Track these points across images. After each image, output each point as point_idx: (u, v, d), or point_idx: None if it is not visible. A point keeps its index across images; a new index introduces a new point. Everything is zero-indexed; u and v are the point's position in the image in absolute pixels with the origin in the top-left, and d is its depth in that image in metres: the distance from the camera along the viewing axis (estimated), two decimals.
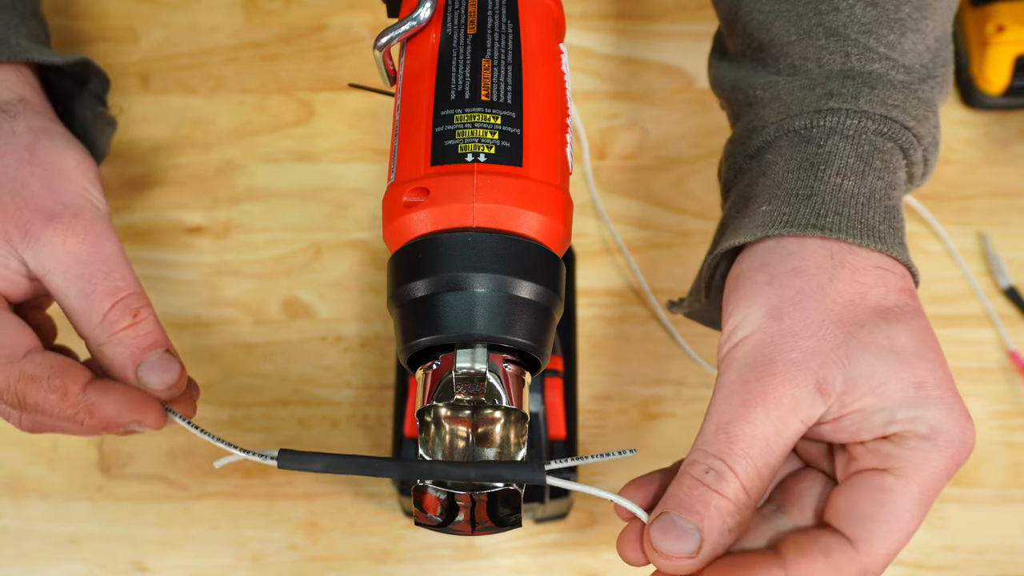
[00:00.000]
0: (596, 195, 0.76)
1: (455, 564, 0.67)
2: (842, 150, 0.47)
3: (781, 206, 0.46)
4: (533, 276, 0.42)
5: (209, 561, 0.67)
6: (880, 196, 0.46)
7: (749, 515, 0.42)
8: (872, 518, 0.41)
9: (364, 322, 0.73)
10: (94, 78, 0.59)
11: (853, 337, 0.42)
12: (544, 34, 0.47)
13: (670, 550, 0.41)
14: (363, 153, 0.78)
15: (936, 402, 0.42)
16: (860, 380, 0.42)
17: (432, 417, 0.44)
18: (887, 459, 0.42)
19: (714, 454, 0.41)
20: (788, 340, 0.42)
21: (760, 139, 0.50)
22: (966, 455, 0.42)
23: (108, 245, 0.50)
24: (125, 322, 0.49)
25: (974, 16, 0.77)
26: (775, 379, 0.42)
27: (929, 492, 0.41)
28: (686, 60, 0.80)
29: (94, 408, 0.47)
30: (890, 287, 0.44)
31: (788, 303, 0.43)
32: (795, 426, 0.42)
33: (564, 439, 0.65)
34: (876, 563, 0.41)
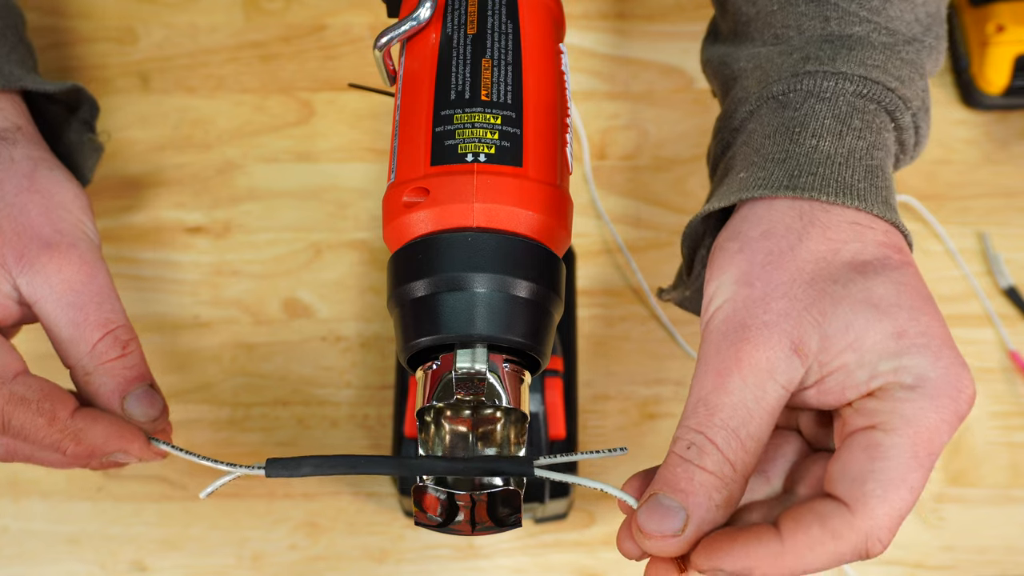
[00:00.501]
0: (596, 195, 0.76)
1: (455, 564, 0.67)
2: (819, 112, 0.46)
3: (757, 171, 0.45)
4: (533, 276, 0.42)
5: (209, 561, 0.67)
6: (860, 155, 0.45)
7: (739, 490, 0.41)
8: (864, 479, 0.39)
9: (364, 322, 0.73)
10: (84, 105, 0.59)
11: (826, 293, 0.41)
12: (544, 34, 0.47)
13: (655, 530, 0.40)
14: (363, 153, 0.78)
15: (920, 350, 0.40)
16: (835, 336, 0.40)
17: (432, 417, 0.44)
18: (873, 415, 0.40)
19: (695, 428, 0.40)
20: (760, 304, 0.41)
21: (744, 110, 0.49)
22: (965, 406, 0.40)
23: (101, 277, 0.51)
24: (114, 353, 0.49)
25: (974, 16, 0.77)
26: (748, 344, 0.40)
27: (924, 445, 0.39)
28: (686, 60, 0.80)
29: (81, 434, 0.47)
30: (866, 242, 0.42)
31: (758, 267, 0.42)
32: (775, 391, 0.40)
33: (564, 439, 0.65)
34: (878, 526, 0.38)
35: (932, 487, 0.68)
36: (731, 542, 0.39)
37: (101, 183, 0.76)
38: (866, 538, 0.38)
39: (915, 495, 0.39)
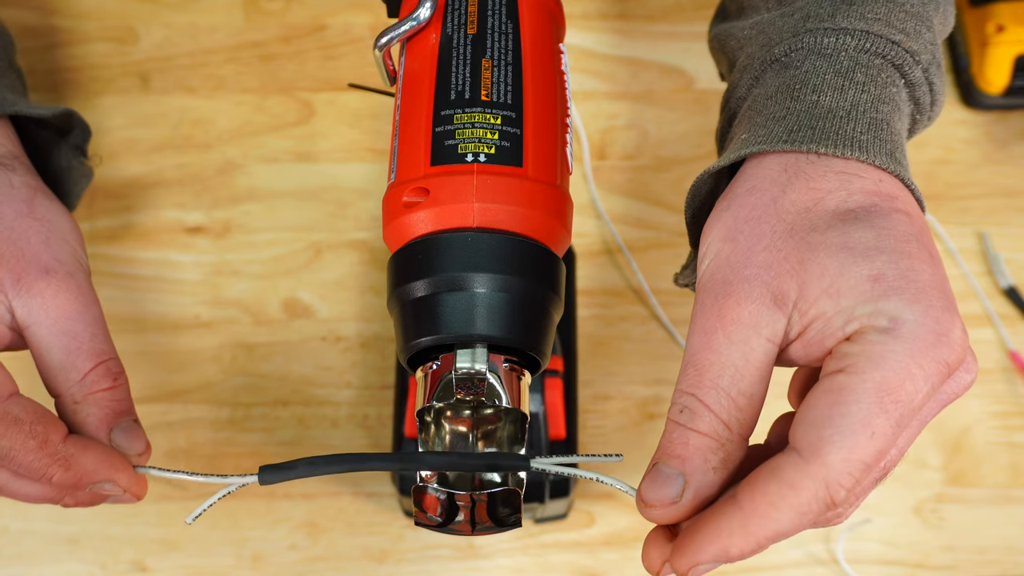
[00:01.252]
0: (596, 195, 0.76)
1: (455, 564, 0.67)
2: (820, 68, 0.45)
3: (758, 130, 0.44)
4: (533, 276, 0.42)
5: (209, 561, 0.67)
6: (864, 109, 0.43)
7: (736, 450, 0.40)
8: (822, 424, 0.37)
9: (364, 322, 0.73)
10: (76, 129, 0.59)
11: (805, 242, 0.40)
12: (544, 34, 0.48)
13: (655, 499, 0.39)
14: (363, 153, 0.78)
15: (897, 292, 0.38)
16: (811, 282, 0.39)
17: (432, 417, 0.44)
18: (843, 359, 0.38)
19: (686, 390, 0.40)
20: (741, 258, 0.40)
21: (749, 77, 0.48)
22: (948, 355, 0.37)
23: (95, 308, 0.51)
24: (105, 384, 0.49)
25: (974, 16, 0.77)
26: (731, 299, 0.40)
27: (891, 391, 0.37)
28: (686, 60, 0.80)
29: (72, 460, 0.47)
30: (852, 190, 0.41)
31: (742, 222, 0.42)
32: (762, 346, 0.39)
33: (564, 439, 0.65)
34: (834, 471, 0.36)
35: (932, 487, 0.68)
36: (697, 531, 0.38)
37: (101, 183, 0.76)
38: (825, 485, 0.37)
39: (879, 442, 0.37)
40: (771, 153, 0.43)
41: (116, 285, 0.73)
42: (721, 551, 0.38)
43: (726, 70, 0.54)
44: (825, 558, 0.67)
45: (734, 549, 0.38)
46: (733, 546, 0.37)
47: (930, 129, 0.77)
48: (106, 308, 0.73)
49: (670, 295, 0.73)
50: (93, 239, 0.74)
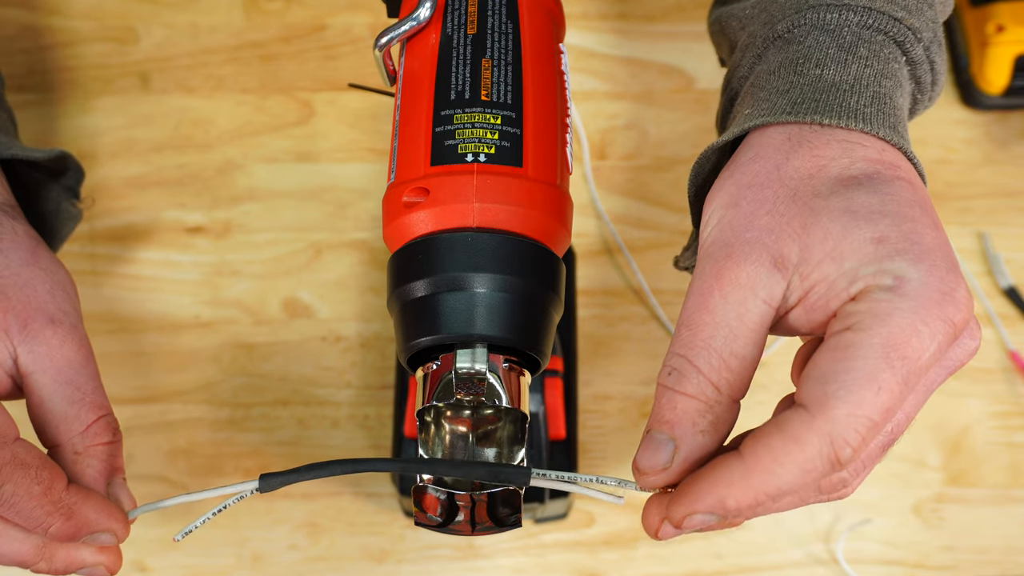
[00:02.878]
0: (596, 195, 0.76)
1: (455, 564, 0.67)
2: (823, 43, 0.45)
3: (760, 104, 0.44)
4: (533, 276, 0.42)
5: (209, 561, 0.67)
6: (867, 83, 0.44)
7: (726, 412, 0.39)
8: (827, 378, 0.36)
9: (364, 322, 0.73)
10: (70, 171, 0.58)
11: (807, 206, 0.40)
12: (544, 34, 0.48)
13: (647, 465, 0.39)
14: (363, 153, 0.78)
15: (902, 254, 0.38)
16: (814, 246, 0.39)
17: (432, 417, 0.44)
18: (849, 317, 0.37)
19: (677, 352, 0.39)
20: (744, 222, 0.40)
21: (751, 55, 0.48)
22: (954, 313, 0.37)
23: (95, 363, 0.51)
24: (106, 438, 0.49)
25: (974, 16, 0.77)
26: (730, 261, 0.40)
27: (898, 347, 0.36)
28: (686, 60, 0.80)
29: (73, 509, 0.46)
30: (855, 158, 0.41)
31: (745, 188, 0.41)
32: (758, 308, 0.39)
33: (564, 439, 0.65)
34: (840, 426, 0.36)
35: (932, 487, 0.68)
36: (696, 482, 0.38)
37: (102, 183, 0.76)
38: (830, 441, 0.36)
39: (885, 397, 0.36)
40: (775, 124, 0.43)
41: (116, 285, 0.73)
42: (718, 501, 0.37)
43: (727, 53, 0.54)
44: (825, 558, 0.67)
45: (731, 500, 0.37)
46: (731, 497, 0.37)
47: (930, 129, 0.77)
48: (106, 308, 0.73)
49: (670, 295, 0.73)
50: (93, 239, 0.75)
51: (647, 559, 0.67)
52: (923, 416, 0.70)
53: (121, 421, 0.69)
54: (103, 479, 0.49)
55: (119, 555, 0.49)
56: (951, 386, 0.71)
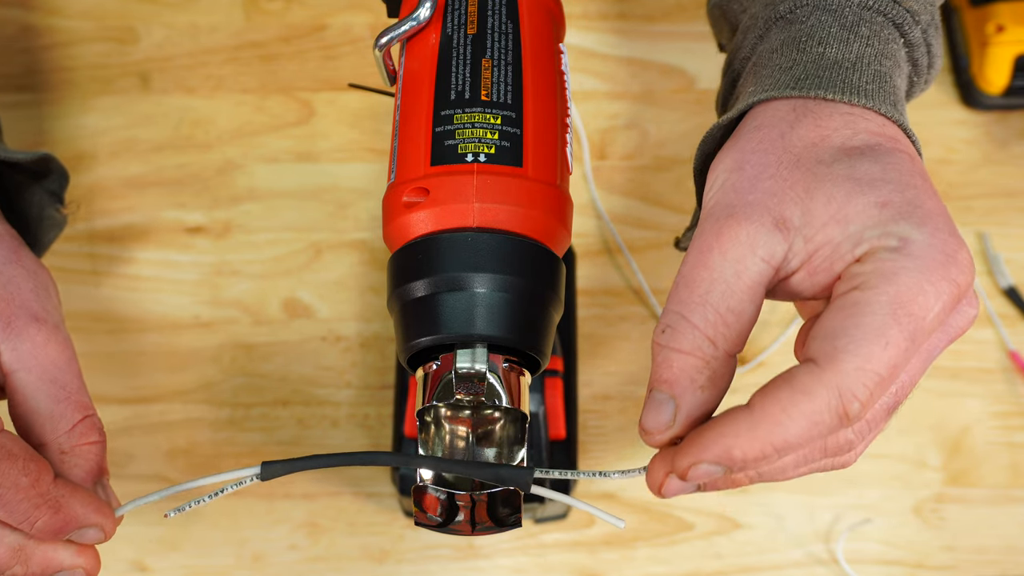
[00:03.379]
0: (596, 195, 0.76)
1: (455, 564, 0.67)
2: (825, 22, 0.46)
3: (764, 81, 0.45)
4: (533, 276, 0.42)
5: (209, 561, 0.67)
6: (869, 61, 0.44)
7: (723, 367, 0.40)
8: (837, 335, 0.37)
9: (364, 322, 0.73)
10: (53, 175, 0.57)
11: (811, 172, 0.40)
12: (544, 34, 0.47)
13: (651, 425, 0.40)
14: (363, 153, 0.78)
15: (906, 217, 0.39)
16: (818, 209, 0.40)
17: (432, 417, 0.44)
18: (856, 278, 0.38)
19: (673, 308, 0.40)
20: (747, 184, 0.41)
21: (753, 36, 0.49)
22: (958, 274, 0.38)
23: (77, 364, 0.50)
24: (92, 438, 0.48)
25: (974, 16, 0.77)
26: (732, 220, 0.40)
27: (905, 304, 0.37)
28: (686, 60, 0.80)
29: (61, 502, 0.45)
30: (857, 130, 0.42)
31: (749, 153, 0.42)
32: (756, 265, 0.39)
33: (564, 439, 0.65)
34: (848, 379, 0.36)
35: (932, 487, 0.68)
36: (705, 431, 0.38)
37: (102, 183, 0.76)
38: (839, 394, 0.36)
39: (893, 353, 0.37)
40: (779, 99, 0.44)
41: (116, 285, 0.73)
42: (725, 451, 0.37)
43: (727, 37, 0.54)
44: (825, 558, 0.67)
45: (737, 451, 0.37)
46: (737, 447, 0.37)
47: (930, 129, 0.77)
48: (106, 308, 0.73)
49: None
50: (93, 239, 0.75)
51: (647, 559, 0.67)
52: (923, 416, 0.70)
53: (121, 421, 0.70)
54: (90, 479, 0.48)
55: (98, 558, 0.48)
56: (951, 386, 0.71)
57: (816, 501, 0.68)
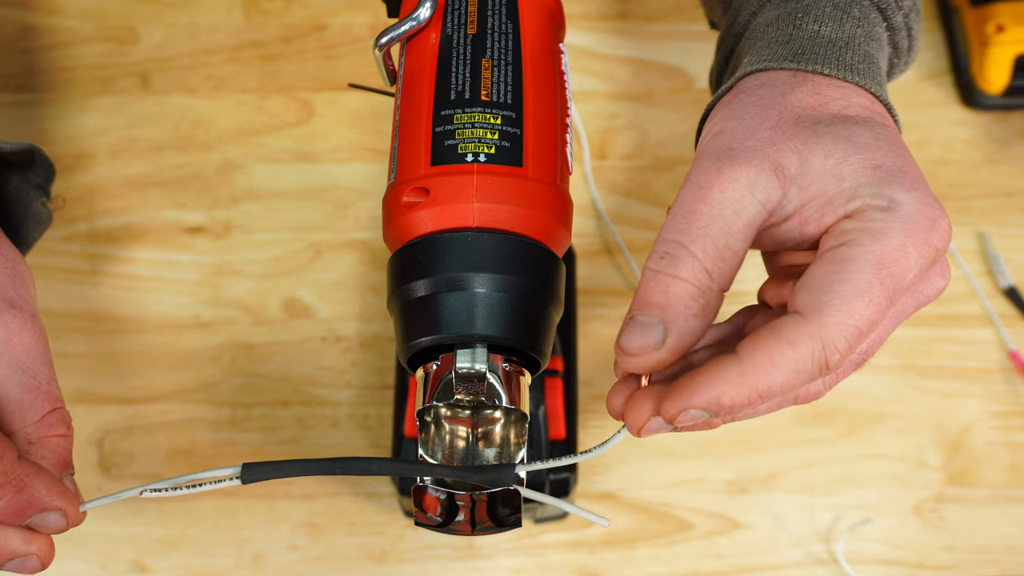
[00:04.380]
0: (596, 195, 0.76)
1: (455, 564, 0.67)
2: (819, 1, 0.48)
3: (761, 51, 0.47)
4: (533, 276, 0.42)
5: (209, 561, 0.67)
6: (859, 42, 0.47)
7: (715, 299, 0.41)
8: (823, 289, 0.39)
9: (364, 322, 0.73)
10: (37, 167, 0.56)
11: (810, 128, 0.42)
12: (544, 34, 0.47)
13: (635, 347, 0.40)
14: (363, 153, 0.78)
15: (897, 180, 0.41)
16: (815, 162, 0.41)
17: (432, 417, 0.44)
18: (845, 234, 0.40)
19: (671, 238, 0.41)
20: (747, 131, 0.43)
21: (747, 12, 0.51)
22: (937, 239, 0.41)
23: (50, 356, 0.49)
24: (60, 430, 0.48)
25: (974, 16, 0.77)
26: (732, 161, 0.41)
27: (888, 264, 0.39)
28: (686, 60, 0.80)
29: (25, 482, 0.44)
30: (851, 102, 0.44)
31: (749, 105, 0.44)
32: (753, 207, 0.41)
33: (564, 439, 0.65)
34: (833, 333, 0.39)
35: (932, 487, 0.68)
36: (694, 377, 0.39)
37: (102, 183, 0.76)
38: (822, 345, 0.38)
39: (873, 309, 0.39)
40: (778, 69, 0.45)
41: (116, 285, 0.73)
42: (713, 398, 0.39)
43: (719, 15, 0.56)
44: (825, 558, 0.67)
45: (726, 398, 0.39)
46: (725, 395, 0.38)
47: (930, 129, 0.77)
48: (106, 308, 0.73)
49: None
50: (93, 239, 0.75)
51: (647, 559, 0.67)
52: (923, 416, 0.70)
53: (121, 421, 0.70)
54: (56, 472, 0.47)
55: (52, 546, 0.46)
56: (951, 386, 0.71)
57: (816, 501, 0.68)
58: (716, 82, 0.54)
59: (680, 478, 0.69)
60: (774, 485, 0.68)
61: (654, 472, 0.69)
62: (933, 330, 0.72)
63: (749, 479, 0.69)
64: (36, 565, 0.45)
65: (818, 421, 0.70)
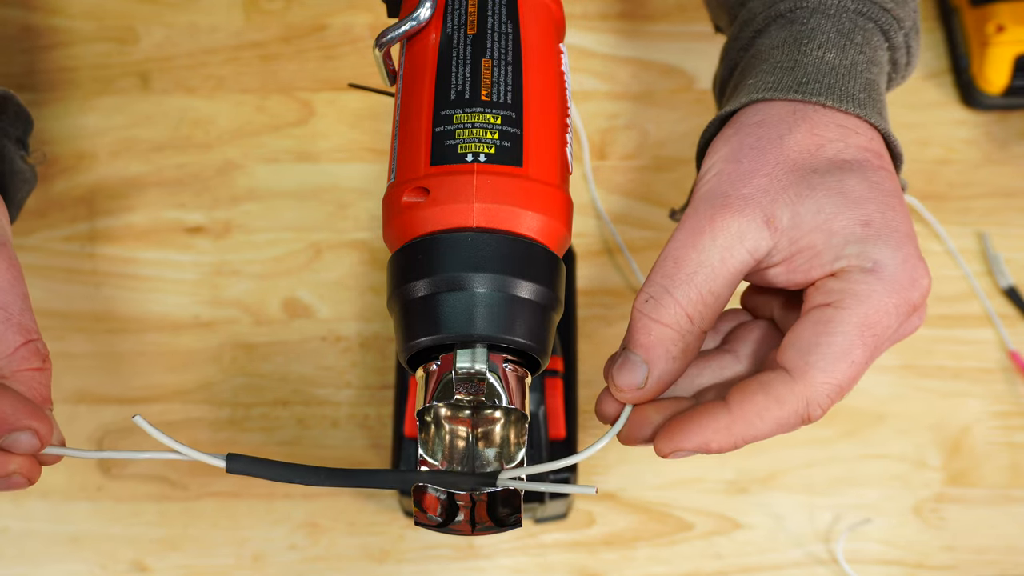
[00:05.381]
0: (596, 195, 0.76)
1: (455, 564, 0.67)
2: (824, 26, 0.49)
3: (766, 76, 0.48)
4: (533, 276, 0.42)
5: (209, 561, 0.67)
6: (861, 69, 0.48)
7: (695, 341, 0.43)
8: (810, 349, 0.41)
9: (364, 322, 0.73)
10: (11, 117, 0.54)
11: (804, 179, 0.43)
12: (544, 34, 0.47)
13: (623, 383, 0.43)
14: (363, 153, 0.78)
15: (884, 239, 0.42)
16: (807, 216, 0.43)
17: (432, 417, 0.44)
18: (831, 294, 0.42)
19: (659, 281, 0.43)
20: (742, 178, 0.44)
21: (751, 29, 0.51)
22: (917, 297, 0.42)
23: (24, 286, 0.47)
24: (35, 363, 0.46)
25: (974, 16, 0.77)
26: (725, 209, 0.43)
27: (871, 326, 0.41)
28: (686, 60, 0.80)
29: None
30: (849, 143, 0.45)
31: (747, 148, 0.45)
32: (741, 255, 0.43)
33: (564, 439, 0.65)
34: (817, 393, 0.41)
35: (932, 487, 0.68)
36: (687, 423, 0.42)
37: (102, 183, 0.76)
38: (807, 404, 0.41)
39: (856, 369, 0.41)
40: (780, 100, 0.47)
41: (116, 285, 0.73)
42: (703, 443, 0.42)
43: (725, 23, 0.57)
44: (825, 558, 0.67)
45: (714, 444, 0.42)
46: (714, 441, 0.42)
47: (930, 129, 0.77)
48: (106, 308, 0.73)
49: None
50: (93, 239, 0.75)
51: (647, 559, 0.67)
52: (923, 416, 0.70)
53: (121, 421, 0.70)
54: None
55: (34, 464, 0.44)
56: (951, 386, 0.71)
57: (816, 501, 0.68)
58: (720, 91, 0.55)
59: (680, 478, 0.69)
60: (774, 485, 0.68)
61: (654, 472, 0.69)
62: (933, 330, 0.72)
63: (749, 479, 0.69)
64: (21, 482, 0.44)
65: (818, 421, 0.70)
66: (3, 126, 0.54)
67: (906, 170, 0.76)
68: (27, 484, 0.44)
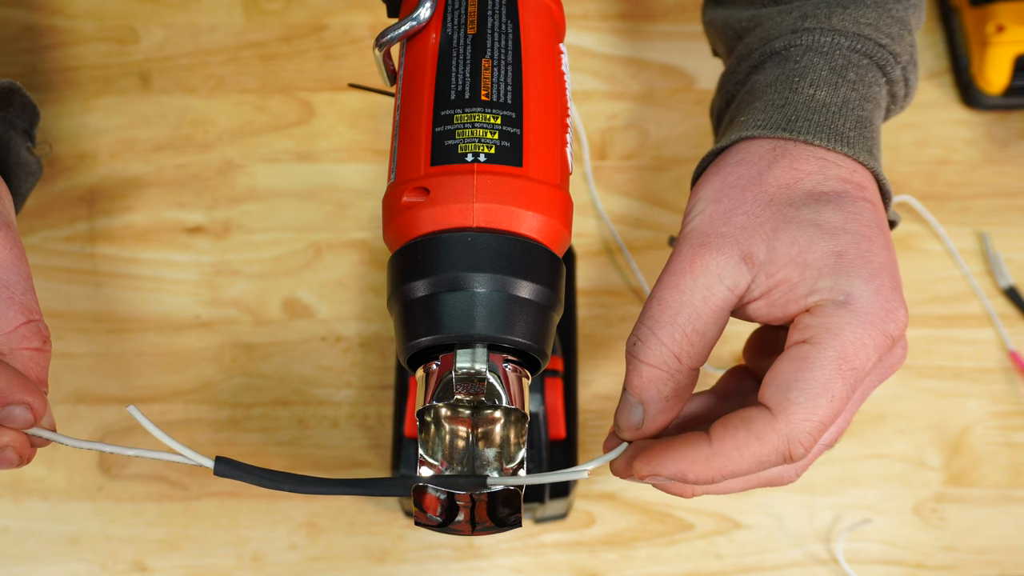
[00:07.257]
0: (596, 195, 0.76)
1: (455, 564, 0.67)
2: (816, 64, 0.49)
3: (757, 114, 0.48)
4: (533, 276, 0.42)
5: (209, 561, 0.67)
6: (853, 106, 0.48)
7: (686, 379, 0.44)
8: (789, 386, 0.42)
9: (364, 322, 0.73)
10: (18, 108, 0.54)
11: (780, 213, 0.44)
12: (544, 34, 0.48)
13: (622, 423, 0.45)
14: (363, 153, 0.78)
15: (856, 270, 0.43)
16: (781, 249, 0.43)
17: (432, 417, 0.44)
18: (807, 330, 0.42)
19: (645, 324, 0.44)
20: (722, 216, 0.45)
21: (747, 64, 0.52)
22: (893, 326, 0.42)
23: (26, 267, 0.48)
24: (35, 343, 0.46)
25: (974, 16, 0.77)
26: (705, 249, 0.44)
27: (848, 359, 0.42)
28: (686, 60, 0.80)
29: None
30: (828, 176, 0.46)
31: (728, 187, 0.46)
32: (722, 293, 0.44)
33: (564, 439, 0.65)
34: (797, 430, 0.41)
35: (932, 487, 0.68)
36: (666, 450, 0.43)
37: (102, 183, 0.76)
38: (787, 441, 0.41)
39: (836, 404, 0.41)
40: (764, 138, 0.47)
41: (116, 285, 0.73)
42: (680, 472, 0.42)
43: (723, 51, 0.58)
44: (825, 558, 0.67)
45: (691, 474, 0.42)
46: (691, 472, 0.42)
47: (930, 129, 0.77)
48: (106, 308, 0.73)
49: None
50: (93, 239, 0.75)
51: (647, 559, 0.67)
52: (923, 416, 0.70)
53: (121, 421, 0.70)
54: None
55: (27, 441, 0.44)
56: (951, 386, 0.71)
57: (816, 501, 0.68)
58: (717, 121, 0.56)
59: None
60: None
61: None
62: (933, 330, 0.72)
63: None
64: (13, 457, 0.44)
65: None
66: (10, 117, 0.55)
67: (906, 170, 0.76)
68: (19, 462, 0.44)
